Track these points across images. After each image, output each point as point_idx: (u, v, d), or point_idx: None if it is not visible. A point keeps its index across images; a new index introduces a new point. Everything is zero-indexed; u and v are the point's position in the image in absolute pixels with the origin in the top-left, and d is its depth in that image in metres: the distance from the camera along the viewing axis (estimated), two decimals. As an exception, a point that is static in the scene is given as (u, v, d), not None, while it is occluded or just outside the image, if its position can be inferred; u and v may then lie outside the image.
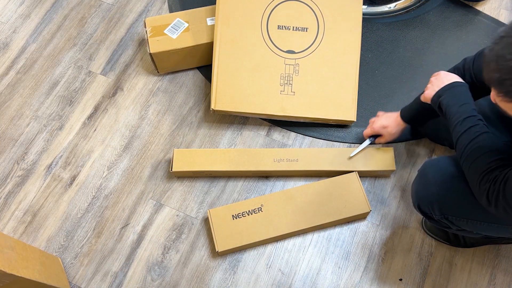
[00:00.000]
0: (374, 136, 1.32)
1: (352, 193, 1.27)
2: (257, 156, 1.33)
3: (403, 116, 1.23)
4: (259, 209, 1.26)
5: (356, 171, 1.30)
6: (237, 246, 1.23)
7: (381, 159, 1.32)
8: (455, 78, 1.01)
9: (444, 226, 1.06)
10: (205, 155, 1.33)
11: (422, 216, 1.31)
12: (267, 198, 1.27)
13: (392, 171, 1.34)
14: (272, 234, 1.24)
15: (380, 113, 1.32)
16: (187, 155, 1.33)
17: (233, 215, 1.25)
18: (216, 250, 1.22)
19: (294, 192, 1.28)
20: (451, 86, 0.99)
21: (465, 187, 0.95)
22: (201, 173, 1.34)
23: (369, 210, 1.26)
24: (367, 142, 1.32)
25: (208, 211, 1.27)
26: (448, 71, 1.08)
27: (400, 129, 1.26)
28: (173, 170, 1.30)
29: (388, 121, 1.26)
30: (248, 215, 1.25)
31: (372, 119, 1.32)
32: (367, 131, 1.32)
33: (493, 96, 0.69)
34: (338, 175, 1.31)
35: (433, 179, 1.01)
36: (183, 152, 1.33)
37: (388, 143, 1.34)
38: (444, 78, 1.02)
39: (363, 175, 1.35)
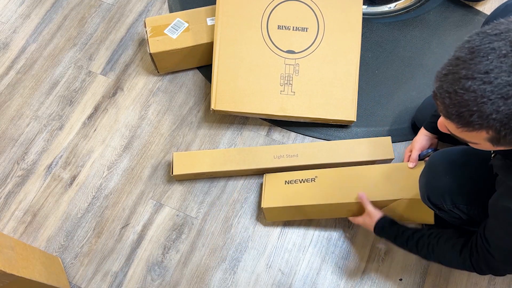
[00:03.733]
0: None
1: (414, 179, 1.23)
2: (257, 154, 1.33)
3: (424, 126, 1.22)
4: (313, 179, 1.26)
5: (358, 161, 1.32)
6: (283, 205, 1.23)
7: (380, 148, 1.33)
8: (372, 224, 1.16)
9: (454, 217, 1.05)
10: (205, 156, 1.33)
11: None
12: (323, 172, 1.27)
13: (391, 160, 1.34)
14: (322, 201, 1.22)
15: None
16: (187, 158, 1.33)
17: (286, 181, 1.27)
18: (261, 206, 1.25)
19: (353, 171, 1.27)
20: (378, 230, 1.14)
21: (475, 175, 0.96)
22: (202, 174, 1.34)
23: None
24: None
25: (264, 175, 1.30)
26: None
27: (427, 138, 1.22)
28: (173, 174, 1.30)
29: (417, 135, 1.25)
30: (301, 182, 1.26)
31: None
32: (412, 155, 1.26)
33: (453, 129, 0.71)
34: (339, 167, 1.33)
35: (443, 169, 1.02)
36: (183, 155, 1.33)
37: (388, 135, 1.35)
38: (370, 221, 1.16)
39: (363, 165, 1.35)
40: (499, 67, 0.61)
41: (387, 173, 1.25)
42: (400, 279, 1.25)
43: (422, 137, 1.24)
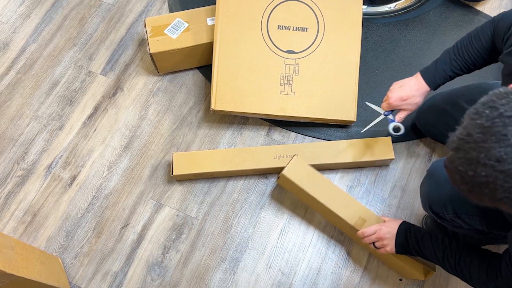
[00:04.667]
0: (390, 111, 1.19)
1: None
2: (257, 154, 1.33)
3: (429, 83, 1.11)
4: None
5: (356, 161, 1.33)
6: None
7: (380, 148, 1.32)
8: (395, 226, 1.09)
9: (455, 226, 1.05)
10: (205, 157, 1.33)
11: (422, 216, 1.31)
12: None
13: (391, 160, 1.33)
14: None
15: (394, 85, 1.17)
16: (187, 158, 1.33)
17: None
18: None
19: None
20: (400, 236, 1.07)
21: None
22: (202, 175, 1.34)
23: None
24: (381, 116, 1.21)
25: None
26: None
27: (424, 95, 1.13)
28: (173, 174, 1.30)
29: (407, 91, 1.13)
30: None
31: (390, 91, 1.18)
32: (384, 105, 1.17)
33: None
34: (339, 168, 1.34)
35: (445, 178, 1.00)
36: (183, 155, 1.33)
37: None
38: (388, 233, 1.09)
39: (363, 165, 1.36)
40: None
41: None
42: (400, 279, 1.25)
43: (421, 98, 1.13)
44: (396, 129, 1.19)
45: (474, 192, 0.65)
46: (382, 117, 1.22)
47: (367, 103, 1.28)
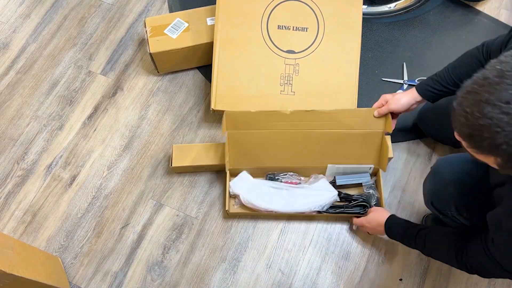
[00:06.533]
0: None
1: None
2: None
3: (419, 91, 1.14)
4: None
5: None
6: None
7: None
8: (384, 216, 1.14)
9: (457, 223, 1.05)
10: (204, 149, 1.34)
11: (422, 215, 1.31)
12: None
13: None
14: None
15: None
16: (186, 150, 1.33)
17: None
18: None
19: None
20: (388, 228, 1.13)
21: (482, 185, 0.95)
22: (201, 167, 1.34)
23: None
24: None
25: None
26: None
27: (412, 101, 1.14)
28: (172, 165, 1.30)
29: (398, 93, 1.18)
30: None
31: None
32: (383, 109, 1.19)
33: (464, 145, 0.71)
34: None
35: (449, 177, 1.01)
36: (182, 148, 1.34)
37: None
38: (377, 222, 1.16)
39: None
40: None
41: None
42: (400, 279, 1.25)
43: (406, 99, 1.14)
44: None
45: (474, 136, 0.65)
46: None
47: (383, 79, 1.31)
